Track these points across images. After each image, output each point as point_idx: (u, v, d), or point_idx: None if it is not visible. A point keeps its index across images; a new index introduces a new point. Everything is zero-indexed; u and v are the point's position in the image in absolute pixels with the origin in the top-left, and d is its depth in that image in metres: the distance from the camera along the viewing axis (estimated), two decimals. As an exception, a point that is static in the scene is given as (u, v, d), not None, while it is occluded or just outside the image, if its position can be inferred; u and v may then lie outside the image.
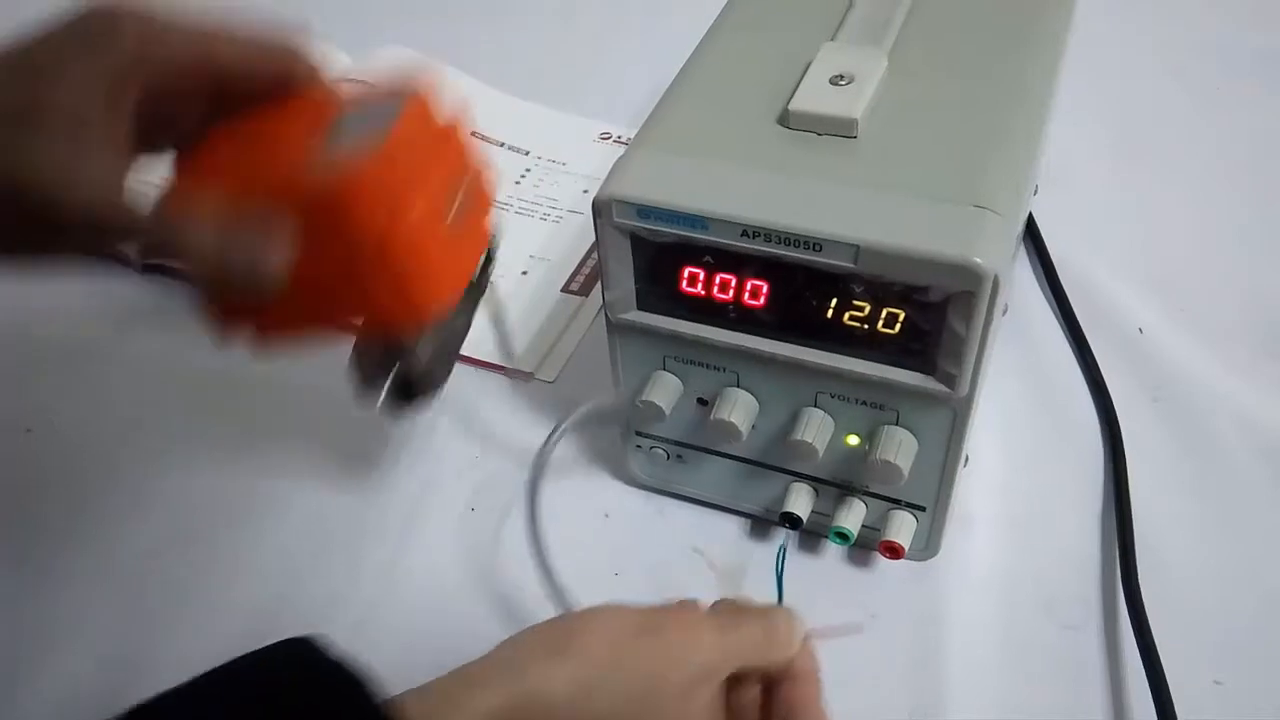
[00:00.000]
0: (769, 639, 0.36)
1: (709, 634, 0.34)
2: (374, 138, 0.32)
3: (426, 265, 0.33)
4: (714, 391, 0.44)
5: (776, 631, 0.36)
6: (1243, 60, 0.75)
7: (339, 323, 0.35)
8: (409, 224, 0.32)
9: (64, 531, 0.50)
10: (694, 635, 0.33)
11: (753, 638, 0.35)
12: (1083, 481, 0.50)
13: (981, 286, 0.35)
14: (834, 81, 0.41)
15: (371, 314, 0.34)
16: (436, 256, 0.33)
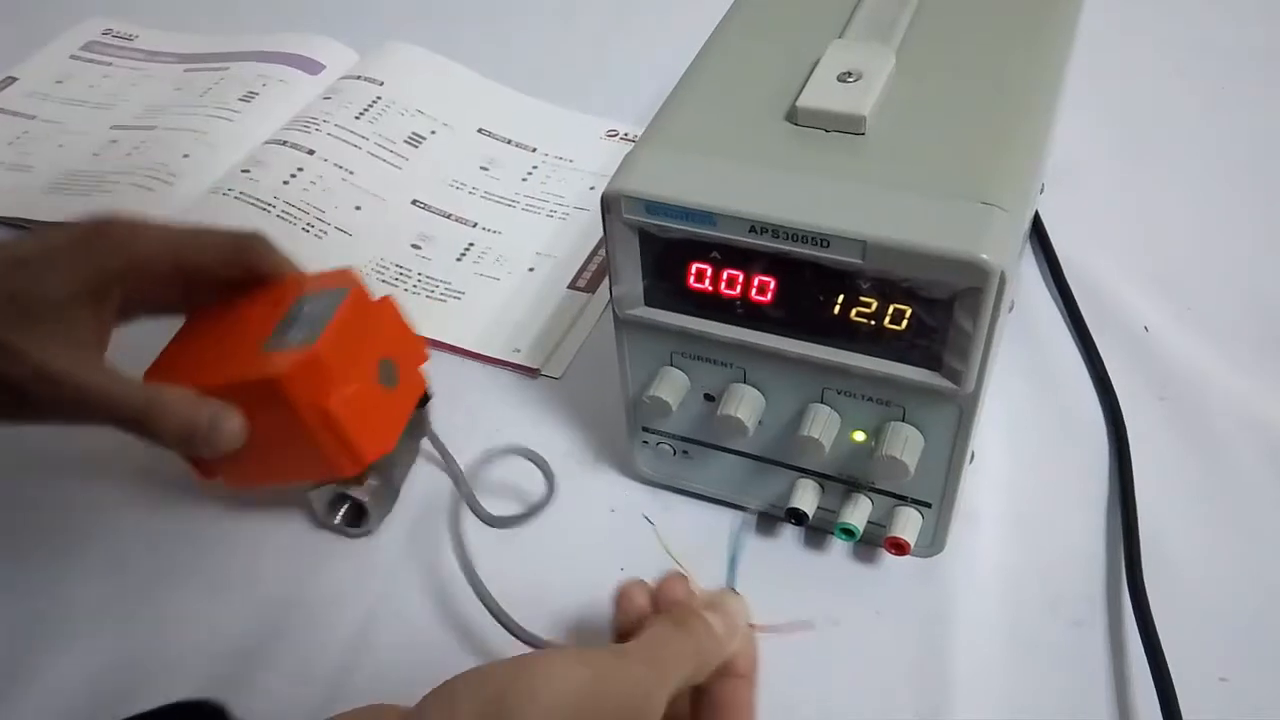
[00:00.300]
0: (705, 651, 0.34)
1: (648, 698, 0.32)
2: (315, 327, 0.40)
3: (362, 425, 0.40)
4: (721, 387, 0.44)
5: (712, 641, 0.35)
6: (1248, 60, 0.75)
7: (295, 474, 0.43)
8: (342, 398, 0.40)
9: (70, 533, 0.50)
10: (640, 698, 0.31)
11: (688, 660, 0.34)
12: (1088, 479, 0.50)
13: (988, 283, 0.35)
14: (842, 79, 0.41)
15: (319, 467, 0.41)
16: (371, 415, 0.41)
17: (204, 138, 0.70)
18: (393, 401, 0.43)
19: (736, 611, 0.36)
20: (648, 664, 0.32)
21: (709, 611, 0.35)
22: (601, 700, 0.30)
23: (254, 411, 0.40)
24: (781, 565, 0.48)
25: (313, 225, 0.63)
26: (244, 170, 0.65)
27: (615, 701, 0.30)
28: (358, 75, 0.73)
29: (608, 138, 0.72)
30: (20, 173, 0.70)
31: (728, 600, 0.36)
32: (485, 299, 0.60)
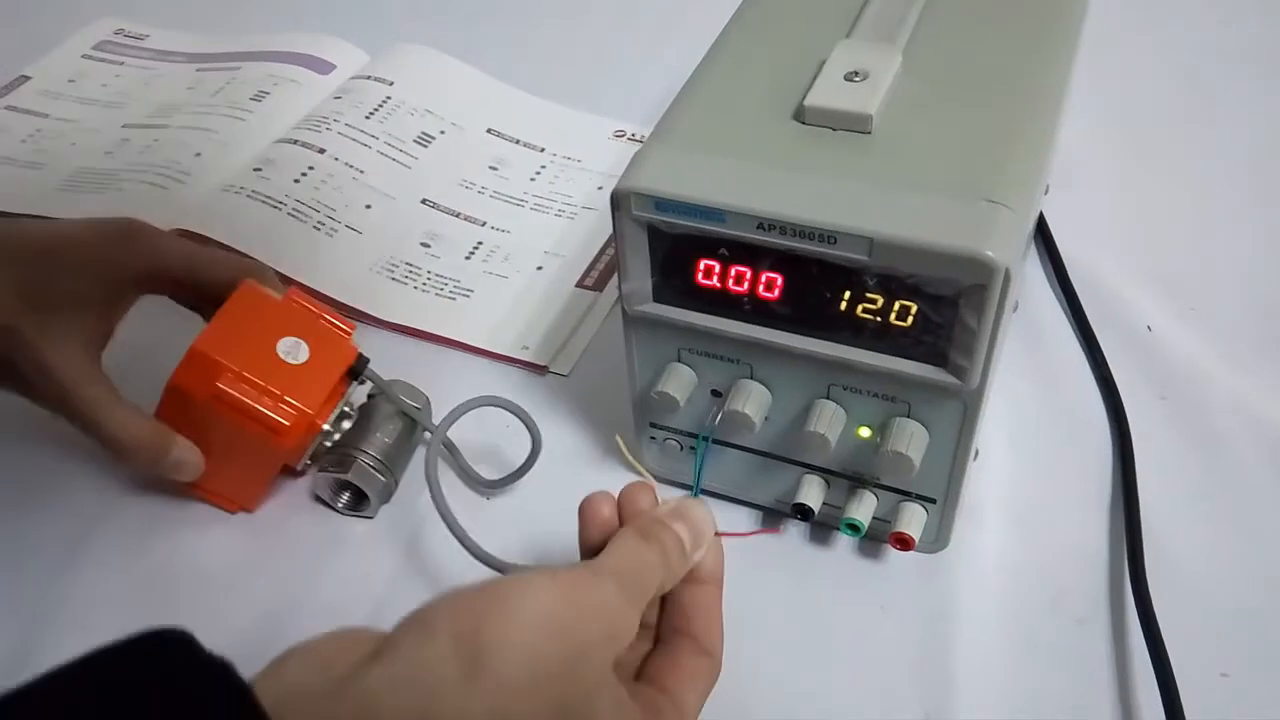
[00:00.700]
0: (673, 561, 0.34)
1: (628, 630, 0.32)
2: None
3: (266, 397, 0.45)
4: (728, 383, 0.44)
5: (678, 551, 0.35)
6: (1250, 62, 0.75)
7: (257, 462, 0.49)
8: (230, 379, 0.45)
9: (88, 524, 0.51)
10: (613, 615, 0.31)
11: (657, 572, 0.34)
12: (1091, 477, 0.51)
13: (994, 279, 0.36)
14: (849, 78, 0.41)
15: (261, 446, 0.46)
16: (279, 386, 0.46)
17: (215, 136, 0.70)
18: (307, 373, 0.47)
19: (701, 519, 0.36)
20: (618, 580, 0.32)
21: (674, 521, 0.35)
22: (577, 620, 0.30)
23: (187, 420, 0.47)
24: (787, 560, 0.48)
25: (323, 224, 0.64)
26: (256, 169, 0.66)
27: (591, 620, 0.30)
28: (368, 75, 0.74)
29: (615, 138, 0.72)
30: (33, 170, 0.71)
31: (692, 509, 0.36)
32: (494, 297, 0.61)
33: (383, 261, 0.63)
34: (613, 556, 0.34)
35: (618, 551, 0.34)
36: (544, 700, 0.29)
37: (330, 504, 0.51)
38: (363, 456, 0.49)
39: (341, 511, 0.51)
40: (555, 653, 0.29)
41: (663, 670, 0.35)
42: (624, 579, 0.32)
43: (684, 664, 0.35)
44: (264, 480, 0.50)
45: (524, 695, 0.28)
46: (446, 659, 0.28)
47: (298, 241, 0.62)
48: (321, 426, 0.48)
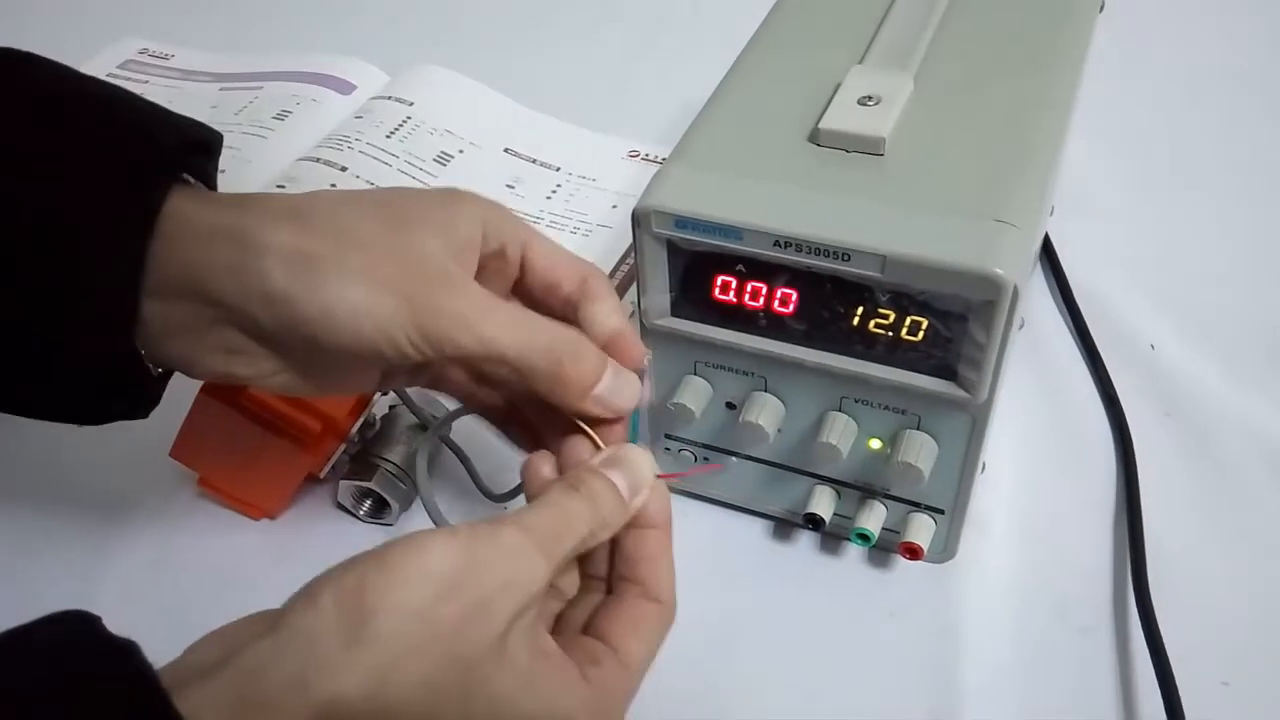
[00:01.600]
0: (605, 508, 0.33)
1: (533, 575, 0.30)
2: None
3: (292, 407, 0.47)
4: (743, 396, 0.46)
5: (611, 497, 0.33)
6: (1253, 85, 0.77)
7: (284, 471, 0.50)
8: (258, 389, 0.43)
9: (117, 530, 0.52)
10: (514, 582, 0.30)
11: (582, 520, 0.32)
12: (1096, 491, 0.52)
13: (1002, 296, 0.37)
14: (862, 102, 0.43)
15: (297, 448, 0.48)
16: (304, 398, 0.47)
17: (239, 154, 0.72)
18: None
19: (638, 463, 0.35)
20: (525, 529, 0.31)
21: (610, 469, 0.34)
22: (471, 574, 0.29)
23: (217, 428, 0.48)
24: (798, 569, 0.49)
25: (345, 239, 0.65)
26: (279, 186, 0.68)
27: (487, 572, 0.29)
28: (388, 96, 0.76)
29: (629, 158, 0.74)
30: (60, 186, 0.72)
31: (629, 454, 0.35)
32: (511, 312, 0.62)
33: (403, 276, 0.64)
34: (530, 507, 0.32)
35: (537, 502, 0.33)
36: (436, 660, 0.28)
37: (352, 511, 0.52)
38: (385, 465, 0.51)
39: (363, 519, 0.52)
40: (447, 610, 0.28)
41: (606, 619, 0.34)
42: (532, 526, 0.31)
43: (627, 611, 0.34)
44: (289, 487, 0.52)
45: (412, 656, 0.28)
46: (329, 624, 0.27)
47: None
48: (346, 435, 0.49)
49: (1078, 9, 0.51)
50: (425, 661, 0.28)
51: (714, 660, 0.46)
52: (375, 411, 0.53)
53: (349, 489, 0.51)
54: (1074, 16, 0.51)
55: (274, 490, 0.51)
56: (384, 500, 0.51)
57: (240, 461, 0.50)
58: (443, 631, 0.28)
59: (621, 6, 0.91)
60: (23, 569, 0.50)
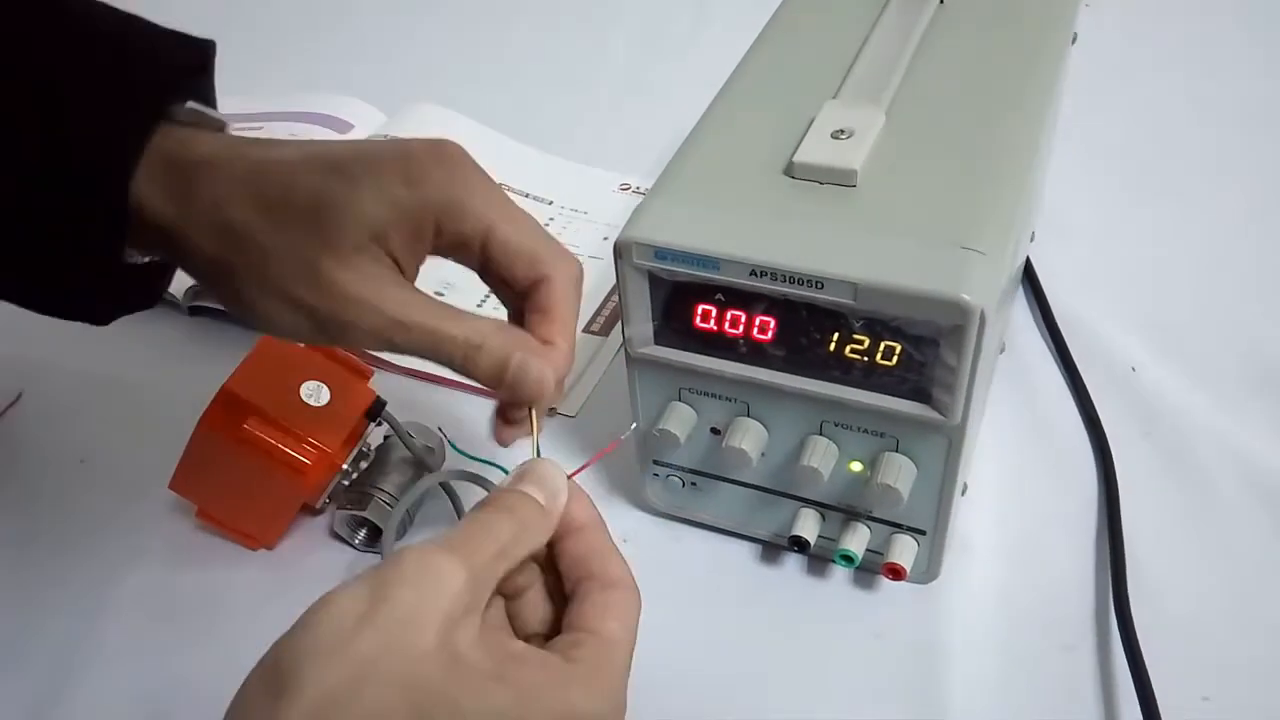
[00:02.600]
0: (528, 521, 0.33)
1: (447, 576, 0.30)
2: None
3: (288, 437, 0.49)
4: (726, 421, 0.47)
5: (532, 509, 0.33)
6: (1234, 110, 0.79)
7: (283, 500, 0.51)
8: (257, 420, 0.48)
9: (116, 559, 0.53)
10: (429, 588, 0.29)
11: (505, 534, 0.32)
12: (1077, 510, 0.53)
13: (970, 321, 0.38)
14: (835, 136, 0.44)
15: (287, 483, 0.49)
16: (301, 427, 0.49)
17: (239, 192, 0.73)
18: (328, 415, 0.50)
19: (547, 473, 0.35)
20: (427, 545, 0.30)
21: (519, 484, 0.34)
22: (380, 599, 0.28)
23: (214, 459, 0.49)
24: (785, 592, 0.50)
25: (342, 274, 0.67)
26: (277, 222, 0.69)
27: (395, 590, 0.29)
28: (385, 134, 0.77)
29: (620, 190, 0.76)
30: (65, 226, 0.74)
31: (535, 466, 0.35)
32: (504, 342, 0.64)
33: (398, 310, 0.66)
34: (450, 533, 0.32)
35: (456, 529, 0.32)
36: (380, 693, 0.27)
37: (348, 540, 0.53)
38: (379, 495, 0.52)
39: (358, 548, 0.53)
40: (364, 640, 0.28)
41: (575, 616, 0.34)
42: (439, 541, 0.31)
43: (593, 601, 0.34)
44: (285, 517, 0.53)
45: (346, 695, 0.27)
46: (254, 695, 0.28)
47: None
48: (340, 466, 0.51)
49: (1050, 41, 0.53)
50: (367, 698, 0.27)
51: (703, 681, 0.46)
52: (370, 442, 0.54)
53: (345, 519, 0.53)
54: (1046, 48, 0.52)
55: (271, 521, 0.53)
56: (378, 529, 0.52)
57: (237, 493, 0.51)
58: (368, 659, 0.27)
59: (611, 43, 0.93)
60: (22, 599, 0.52)
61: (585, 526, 0.35)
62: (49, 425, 0.60)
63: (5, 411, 0.61)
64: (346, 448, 0.51)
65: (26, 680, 0.48)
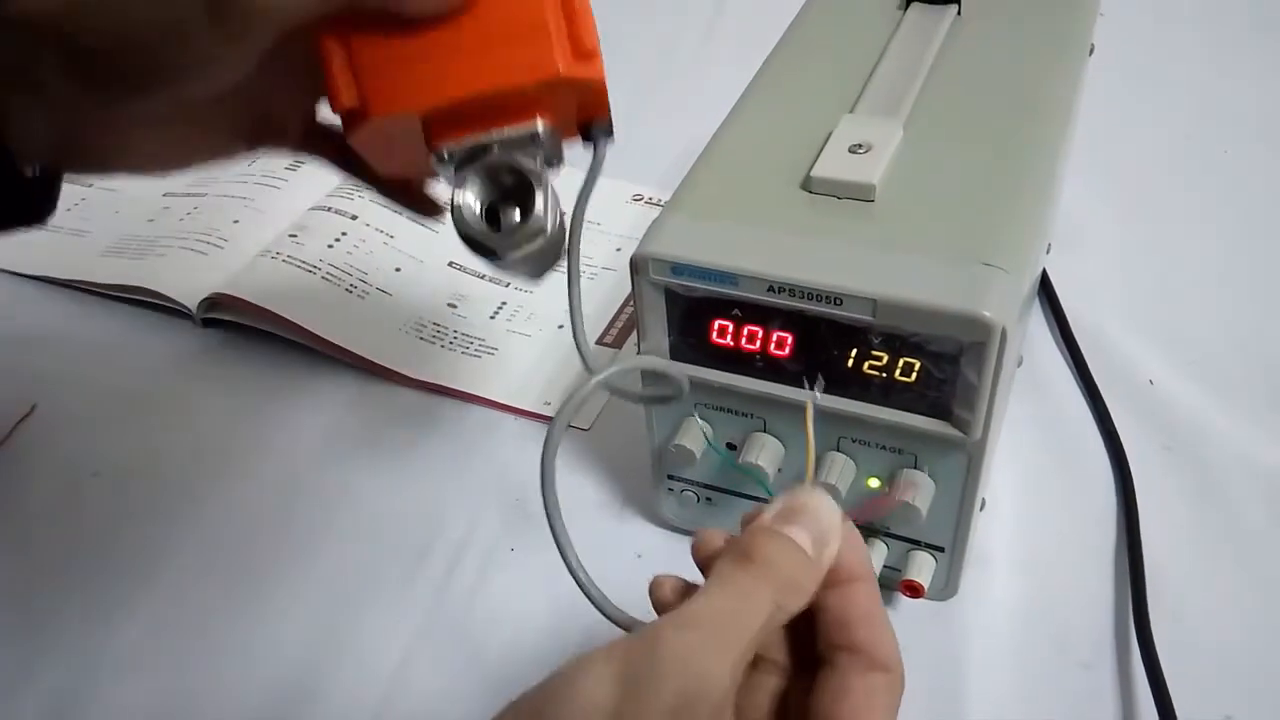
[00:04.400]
0: (790, 575, 0.28)
1: (713, 682, 0.26)
2: None
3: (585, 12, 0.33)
4: (742, 436, 0.47)
5: (795, 558, 0.28)
6: (1250, 121, 0.78)
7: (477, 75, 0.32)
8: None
9: (129, 571, 0.53)
10: (692, 694, 0.25)
11: (764, 595, 0.27)
12: (1096, 526, 0.53)
13: (991, 337, 0.38)
14: (853, 150, 0.44)
15: (517, 62, 0.32)
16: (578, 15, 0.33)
17: (252, 204, 0.74)
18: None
19: (819, 509, 0.29)
20: (690, 627, 0.26)
21: (786, 524, 0.29)
22: (631, 698, 0.25)
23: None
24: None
25: (355, 286, 0.67)
26: (291, 235, 0.69)
27: (650, 692, 0.25)
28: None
29: (633, 202, 0.76)
30: (78, 237, 0.74)
31: (806, 501, 0.29)
32: (518, 355, 0.64)
33: (411, 322, 0.66)
34: (694, 597, 0.28)
35: (703, 588, 0.28)
36: None
37: (470, 229, 0.33)
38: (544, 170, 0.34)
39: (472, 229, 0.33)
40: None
41: (827, 704, 0.28)
42: (697, 621, 0.27)
43: (853, 686, 0.28)
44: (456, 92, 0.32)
45: None
46: None
47: (331, 303, 0.65)
48: None
49: (1066, 53, 0.52)
50: None
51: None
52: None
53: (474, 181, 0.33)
54: (1062, 61, 0.52)
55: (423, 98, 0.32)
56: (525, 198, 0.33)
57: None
58: None
59: (624, 54, 0.93)
60: (34, 611, 0.52)
61: (857, 580, 0.30)
62: (63, 438, 0.60)
63: (19, 424, 0.61)
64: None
65: (39, 692, 0.48)
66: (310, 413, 0.61)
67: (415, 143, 0.33)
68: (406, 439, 0.59)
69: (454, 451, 0.58)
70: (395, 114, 0.32)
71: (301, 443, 0.59)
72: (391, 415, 0.61)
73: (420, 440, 0.59)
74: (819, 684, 0.29)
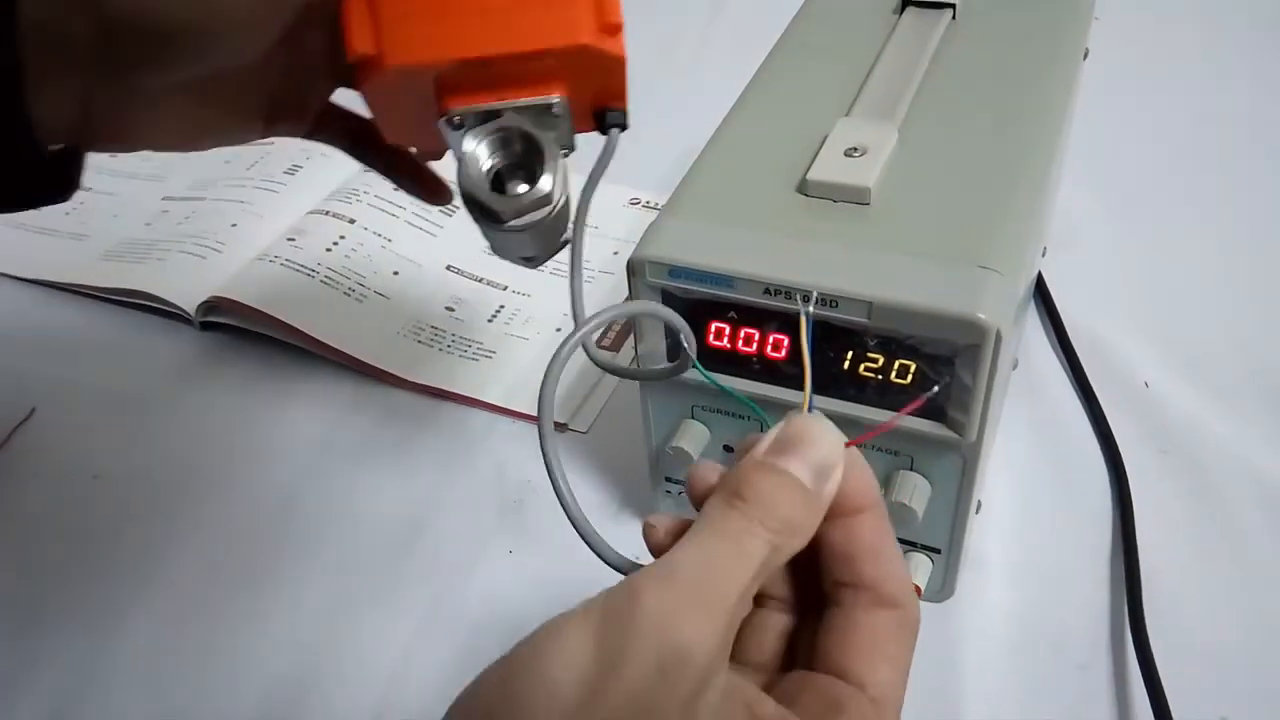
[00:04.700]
0: (787, 513, 0.26)
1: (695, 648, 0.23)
2: None
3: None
4: (739, 438, 0.46)
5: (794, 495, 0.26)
6: (1247, 127, 0.78)
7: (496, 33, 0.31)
8: None
9: (129, 574, 0.53)
10: (671, 663, 0.23)
11: (759, 539, 0.25)
12: (1092, 528, 0.53)
13: (986, 340, 0.38)
14: (848, 153, 0.44)
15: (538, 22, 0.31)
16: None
17: (251, 208, 0.74)
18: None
19: (819, 436, 0.27)
20: (672, 585, 0.24)
21: (782, 454, 0.27)
22: (613, 666, 0.23)
23: None
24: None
25: (353, 290, 0.67)
26: (289, 238, 0.69)
27: (634, 658, 0.23)
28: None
29: (630, 205, 0.76)
30: (77, 241, 0.75)
31: (804, 428, 0.27)
32: (515, 358, 0.64)
33: (409, 325, 0.66)
34: (682, 545, 0.25)
35: (688, 535, 0.26)
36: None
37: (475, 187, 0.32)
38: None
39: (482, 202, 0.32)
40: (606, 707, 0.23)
41: (837, 644, 0.27)
42: (682, 578, 0.24)
43: (861, 625, 0.26)
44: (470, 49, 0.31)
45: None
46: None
47: (329, 307, 0.65)
48: None
49: (1062, 56, 0.53)
50: None
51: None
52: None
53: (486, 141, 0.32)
54: (1059, 64, 0.52)
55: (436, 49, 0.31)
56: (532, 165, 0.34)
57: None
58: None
59: (622, 57, 0.93)
60: (35, 615, 0.52)
61: (863, 511, 0.27)
62: (62, 441, 0.61)
63: (18, 428, 0.61)
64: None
65: (40, 697, 0.48)
66: (308, 416, 0.61)
67: (426, 106, 0.33)
68: (404, 442, 0.59)
69: (452, 454, 0.58)
70: (411, 64, 0.31)
71: (299, 445, 0.59)
72: (389, 418, 0.61)
73: (418, 443, 0.59)
74: (825, 624, 0.27)
